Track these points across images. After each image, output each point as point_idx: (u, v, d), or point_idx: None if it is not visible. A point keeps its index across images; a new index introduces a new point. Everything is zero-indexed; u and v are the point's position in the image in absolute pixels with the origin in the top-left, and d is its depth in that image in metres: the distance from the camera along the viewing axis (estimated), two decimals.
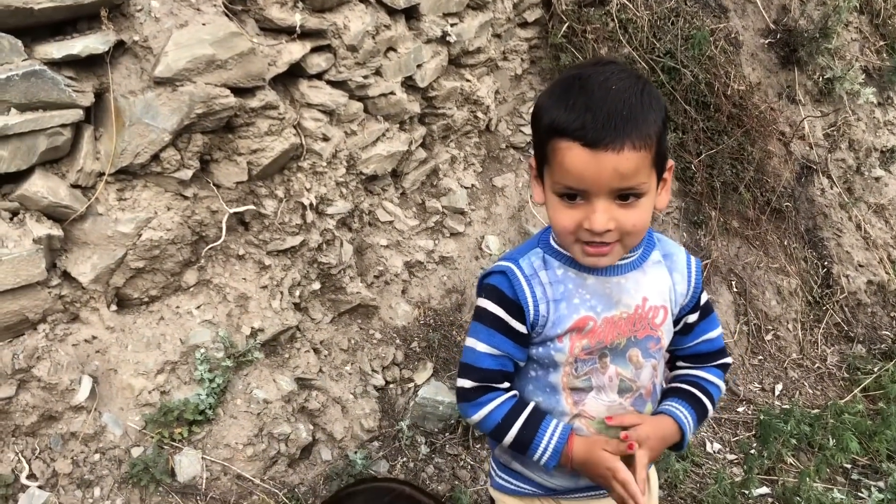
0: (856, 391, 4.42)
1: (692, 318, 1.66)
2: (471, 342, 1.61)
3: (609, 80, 1.37)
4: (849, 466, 3.81)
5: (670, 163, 1.49)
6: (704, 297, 1.68)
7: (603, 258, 1.47)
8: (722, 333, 1.74)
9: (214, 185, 2.80)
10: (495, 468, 1.85)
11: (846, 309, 5.04)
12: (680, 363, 1.76)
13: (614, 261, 1.50)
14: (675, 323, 1.65)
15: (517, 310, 1.55)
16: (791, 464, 3.71)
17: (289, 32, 2.85)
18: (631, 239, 1.46)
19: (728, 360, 1.75)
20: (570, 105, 1.36)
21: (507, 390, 1.64)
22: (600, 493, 1.66)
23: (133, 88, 2.57)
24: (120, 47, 2.56)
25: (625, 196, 1.38)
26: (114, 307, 2.71)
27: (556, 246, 1.58)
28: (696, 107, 4.48)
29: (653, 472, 1.87)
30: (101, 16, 2.48)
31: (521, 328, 1.56)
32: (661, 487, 3.25)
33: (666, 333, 1.61)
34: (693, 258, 1.66)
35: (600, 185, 1.36)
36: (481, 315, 1.60)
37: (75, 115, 2.47)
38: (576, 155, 1.35)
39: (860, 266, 5.29)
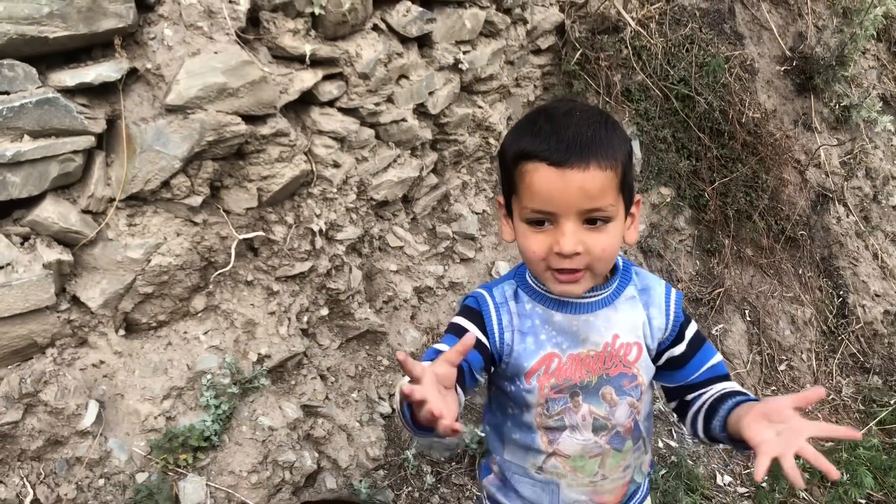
0: (871, 424, 4.35)
1: (677, 350, 1.61)
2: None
3: (573, 109, 1.41)
4: (863, 502, 3.75)
5: (637, 198, 1.50)
6: (692, 329, 1.63)
7: (575, 286, 1.46)
8: (723, 360, 1.68)
9: (224, 211, 2.82)
10: (485, 497, 1.87)
11: (862, 339, 4.98)
12: (690, 396, 1.63)
13: (586, 288, 1.48)
14: (658, 357, 1.62)
15: (480, 320, 1.56)
16: (804, 498, 3.65)
17: (301, 60, 2.87)
18: (601, 265, 1.45)
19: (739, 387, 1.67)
20: (536, 131, 1.39)
21: None
22: None
23: (145, 115, 2.59)
24: (132, 75, 2.58)
25: (592, 220, 1.39)
26: (122, 332, 2.73)
27: (529, 281, 1.58)
28: (709, 134, 4.47)
29: (648, 501, 1.85)
30: (114, 44, 2.51)
31: (485, 340, 1.55)
32: None
33: (643, 370, 1.59)
34: (674, 291, 1.63)
35: (568, 204, 1.36)
36: (448, 327, 1.62)
37: (87, 141, 2.49)
38: (543, 175, 1.36)
39: (877, 296, 5.23)
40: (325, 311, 3.12)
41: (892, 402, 4.53)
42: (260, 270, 2.93)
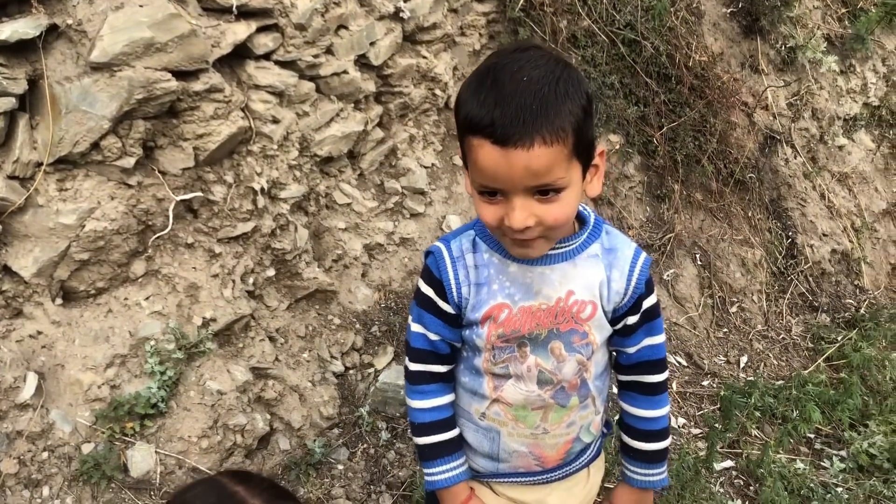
0: (819, 361, 4.45)
1: (631, 320, 1.61)
2: (409, 320, 1.68)
3: (523, 69, 1.31)
4: (812, 437, 3.84)
5: (601, 148, 1.44)
6: (650, 301, 1.62)
7: (531, 250, 1.45)
8: (664, 342, 1.70)
9: (160, 172, 2.72)
10: None
11: (810, 279, 5.07)
12: (621, 377, 1.74)
13: (543, 252, 1.48)
14: (615, 322, 1.61)
15: (442, 289, 1.58)
16: (755, 436, 3.73)
17: (232, 12, 2.76)
18: (555, 233, 1.43)
19: (667, 374, 1.73)
20: (482, 100, 1.31)
21: (444, 378, 1.69)
22: (526, 480, 1.71)
23: (69, 74, 2.48)
24: (53, 31, 2.46)
25: (544, 192, 1.34)
26: (59, 301, 2.64)
27: (488, 230, 1.56)
28: (657, 79, 4.44)
29: (599, 461, 1.85)
30: None
31: (448, 308, 1.59)
32: None
33: (596, 329, 1.57)
34: (642, 257, 1.59)
35: (514, 183, 1.32)
36: (416, 294, 1.66)
37: (8, 103, 2.38)
38: (487, 153, 1.31)
39: (824, 235, 5.31)
40: (271, 272, 3.05)
41: (839, 338, 4.63)
42: (200, 232, 2.85)
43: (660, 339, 1.67)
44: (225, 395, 2.75)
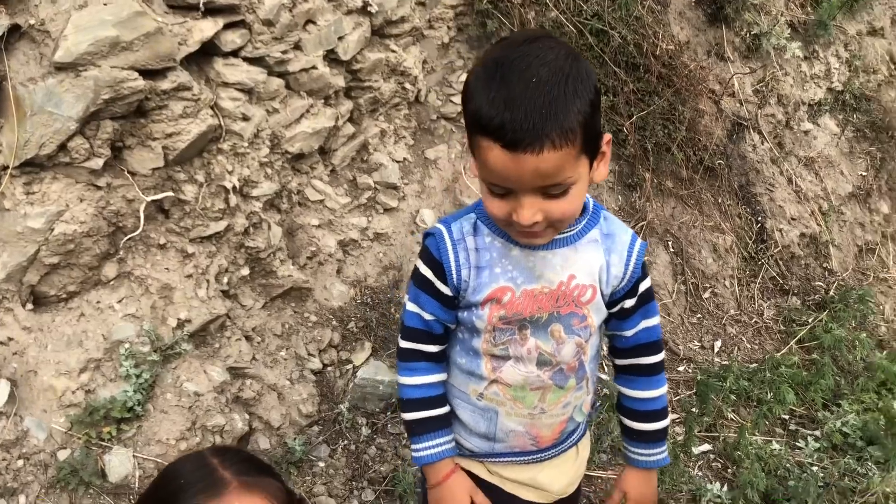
0: (791, 343, 4.51)
1: (629, 303, 1.64)
2: (405, 300, 1.70)
3: (531, 66, 1.30)
4: (787, 418, 3.89)
5: (607, 136, 1.45)
6: (645, 285, 1.66)
7: (538, 239, 1.49)
8: (660, 324, 1.74)
9: (129, 172, 2.68)
10: None
11: (780, 263, 5.13)
12: (619, 361, 1.76)
13: (549, 239, 1.52)
14: (612, 305, 1.64)
15: (441, 271, 1.59)
16: (731, 419, 3.77)
17: (199, 9, 2.73)
18: (562, 224, 1.46)
19: (663, 354, 1.76)
20: (492, 99, 1.30)
21: (436, 357, 1.70)
22: (521, 459, 1.73)
23: (33, 75, 2.43)
24: (15, 32, 2.42)
25: (552, 189, 1.36)
26: (30, 306, 2.59)
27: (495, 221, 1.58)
28: (625, 69, 4.46)
29: (586, 440, 1.87)
30: None
31: (446, 290, 1.60)
32: (604, 451, 3.28)
33: (594, 312, 1.60)
34: (638, 242, 1.62)
35: (522, 184, 1.34)
36: (413, 275, 1.67)
37: None
38: (496, 156, 1.31)
39: (793, 219, 5.38)
40: (245, 271, 3.03)
41: (809, 320, 4.70)
42: (172, 232, 2.82)
43: (655, 320, 1.71)
44: (202, 397, 2.73)
